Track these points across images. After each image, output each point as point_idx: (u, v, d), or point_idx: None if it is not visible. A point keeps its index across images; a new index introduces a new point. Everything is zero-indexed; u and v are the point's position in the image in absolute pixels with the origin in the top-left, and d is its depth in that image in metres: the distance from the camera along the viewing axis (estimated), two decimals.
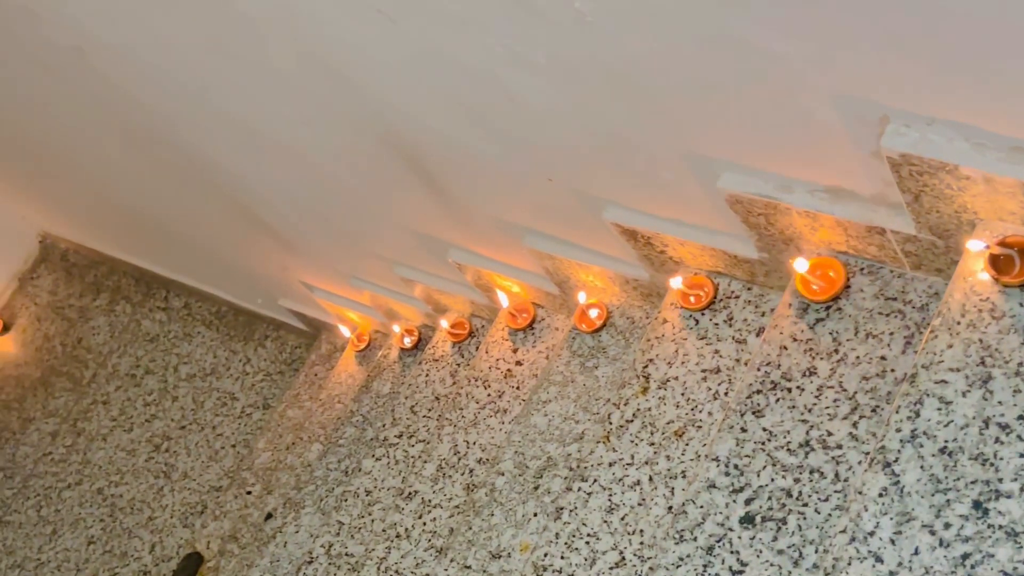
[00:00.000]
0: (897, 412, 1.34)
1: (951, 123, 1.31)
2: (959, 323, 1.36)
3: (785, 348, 1.67)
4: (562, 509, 1.94)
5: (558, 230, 2.24)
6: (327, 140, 2.28)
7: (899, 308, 1.61)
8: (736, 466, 1.62)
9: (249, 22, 1.84)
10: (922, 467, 1.30)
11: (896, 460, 1.32)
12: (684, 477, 1.85)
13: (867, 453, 1.53)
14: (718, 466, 1.63)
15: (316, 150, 2.36)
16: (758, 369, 1.67)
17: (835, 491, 1.53)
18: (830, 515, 1.52)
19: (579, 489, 1.94)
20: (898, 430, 1.33)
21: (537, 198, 2.13)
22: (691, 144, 1.65)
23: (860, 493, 1.32)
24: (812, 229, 1.65)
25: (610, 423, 1.97)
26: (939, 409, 1.32)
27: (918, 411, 1.33)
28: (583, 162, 1.88)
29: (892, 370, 1.57)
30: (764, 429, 1.62)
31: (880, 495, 1.31)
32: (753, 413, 1.64)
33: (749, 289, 1.96)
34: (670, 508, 1.83)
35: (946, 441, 1.30)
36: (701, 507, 1.61)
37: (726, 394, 1.88)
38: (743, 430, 1.64)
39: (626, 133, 1.70)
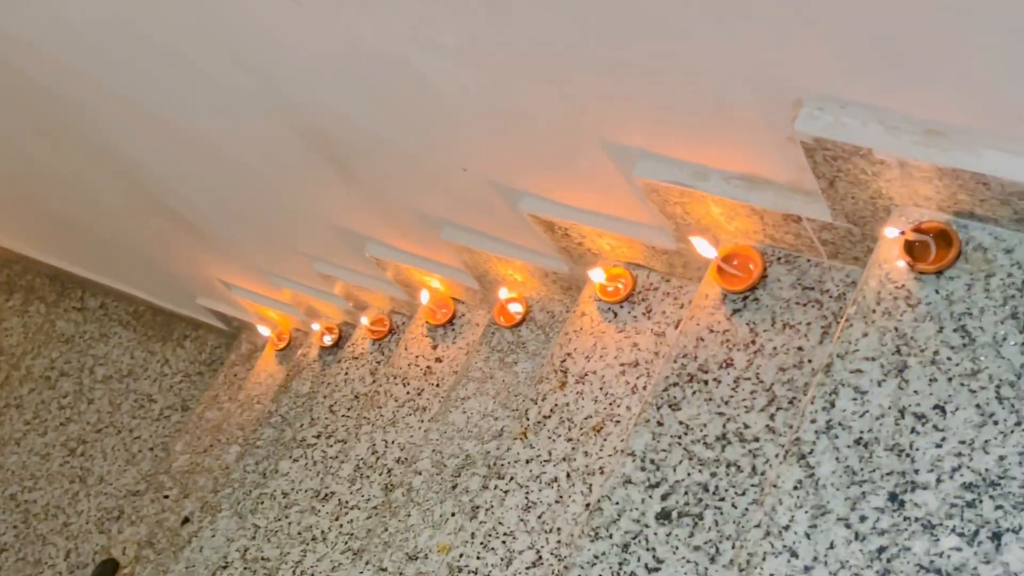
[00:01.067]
0: (812, 403, 1.31)
1: (865, 106, 1.28)
2: (874, 311, 1.33)
3: (702, 339, 1.63)
4: (478, 508, 1.89)
5: (476, 222, 2.19)
6: (240, 130, 2.20)
7: (816, 298, 1.58)
8: (652, 461, 1.58)
9: (157, 9, 1.76)
10: (837, 459, 1.27)
11: (811, 452, 1.28)
12: (602, 473, 1.80)
13: (784, 446, 1.49)
14: (634, 461, 1.59)
15: (230, 141, 2.28)
16: (675, 361, 1.63)
17: (752, 485, 1.50)
18: (747, 510, 1.48)
19: (496, 487, 1.89)
20: (813, 421, 1.30)
21: (454, 189, 2.07)
22: (607, 131, 1.60)
23: (775, 486, 1.28)
24: (728, 218, 1.62)
25: (527, 419, 1.92)
26: (854, 399, 1.29)
27: (833, 401, 1.30)
28: (497, 151, 1.83)
29: (809, 361, 1.54)
30: (680, 423, 1.58)
31: (795, 488, 1.27)
32: (670, 406, 1.60)
33: (668, 281, 1.93)
34: (587, 505, 1.79)
35: (861, 432, 1.27)
36: (617, 503, 1.57)
37: (645, 388, 1.84)
38: (659, 424, 1.60)
39: (540, 119, 1.65)
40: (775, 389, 1.55)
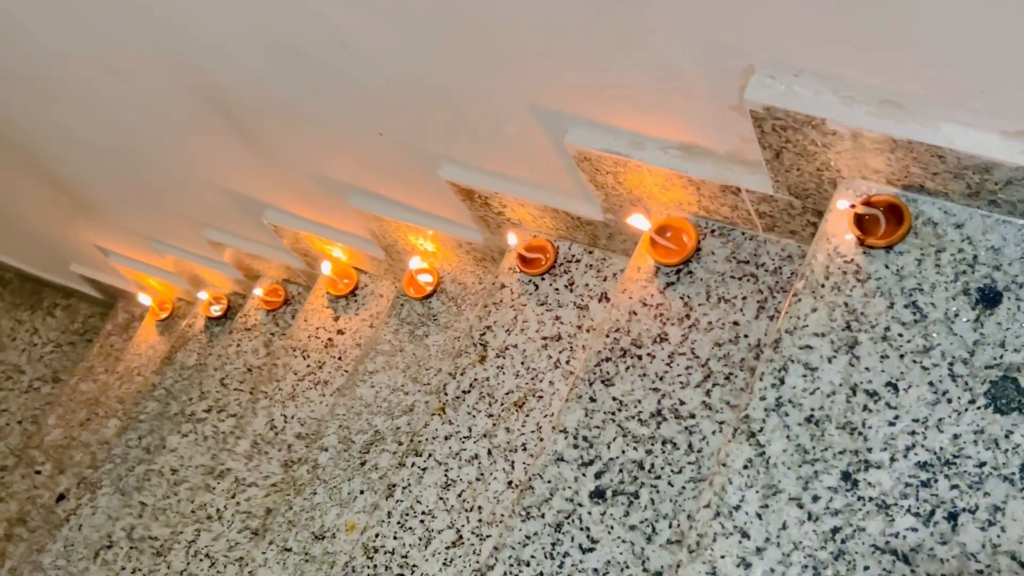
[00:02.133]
0: (761, 380, 1.28)
1: (819, 74, 1.24)
2: (823, 286, 1.30)
3: (635, 313, 1.59)
4: (394, 486, 1.81)
5: (386, 188, 2.10)
6: (128, 88, 2.06)
7: (752, 272, 1.55)
8: (585, 438, 1.53)
9: None
10: (788, 437, 1.24)
11: (761, 430, 1.25)
12: (525, 450, 1.75)
13: (721, 423, 1.46)
14: (566, 438, 1.54)
15: (114, 98, 2.14)
16: (607, 336, 1.59)
17: (688, 463, 1.46)
18: (684, 488, 1.45)
19: (413, 465, 1.82)
20: (762, 398, 1.27)
21: (365, 153, 1.98)
22: (538, 95, 1.54)
23: (724, 465, 1.25)
24: (663, 189, 1.57)
25: (446, 394, 1.86)
26: (804, 376, 1.26)
27: (782, 378, 1.27)
28: (418, 114, 1.75)
29: (745, 336, 1.51)
30: (614, 399, 1.54)
31: (745, 467, 1.24)
32: (602, 382, 1.56)
33: (590, 253, 1.88)
34: (510, 483, 1.74)
35: (812, 410, 1.24)
36: (549, 482, 1.52)
37: (567, 362, 1.80)
38: (592, 400, 1.55)
39: (467, 82, 1.58)
40: (711, 364, 1.51)
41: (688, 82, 1.35)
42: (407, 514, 1.78)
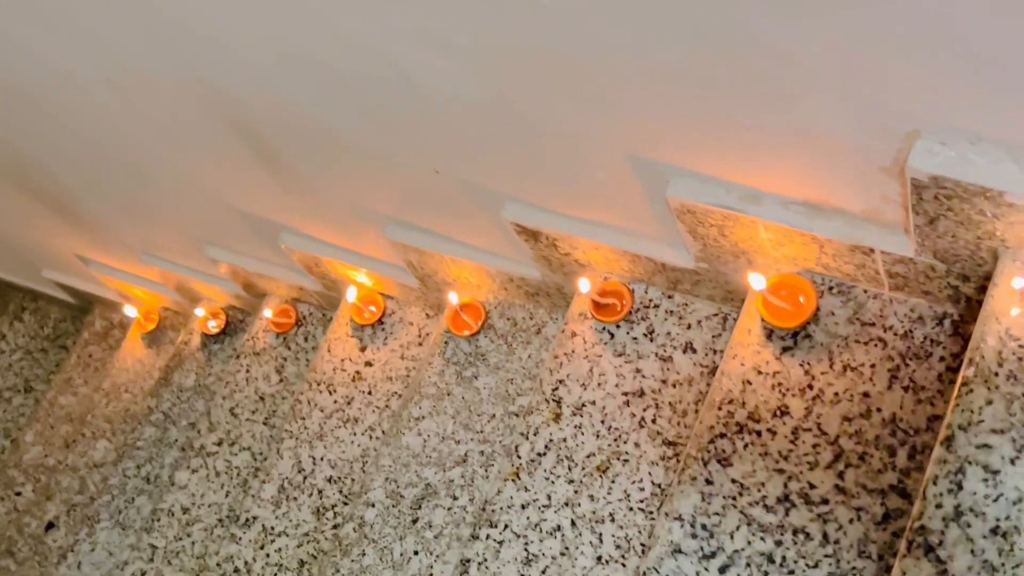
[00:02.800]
0: (935, 484, 1.14)
1: (999, 142, 1.10)
2: (996, 374, 1.17)
3: (749, 383, 1.44)
4: (468, 562, 1.66)
5: (431, 222, 1.93)
6: (135, 104, 1.87)
7: (879, 336, 1.41)
8: (704, 526, 1.39)
9: None
10: (972, 552, 1.10)
11: (940, 543, 1.12)
12: (613, 521, 1.61)
13: (859, 509, 1.33)
14: (682, 526, 1.40)
15: (120, 114, 1.95)
16: (719, 408, 1.44)
17: (825, 555, 1.33)
18: None
19: (488, 537, 1.67)
20: (938, 506, 1.13)
21: (412, 187, 1.81)
22: (639, 144, 1.39)
23: None
24: (777, 244, 1.42)
25: (519, 457, 1.70)
26: (985, 480, 1.13)
27: (960, 483, 1.13)
28: (487, 155, 1.59)
29: (878, 409, 1.38)
30: (734, 481, 1.40)
31: None
32: (719, 461, 1.42)
33: (670, 297, 1.73)
34: (599, 558, 1.59)
35: (997, 520, 1.11)
36: None
37: (653, 421, 1.65)
38: (708, 482, 1.41)
39: (559, 128, 1.42)
40: (841, 442, 1.37)
41: (834, 142, 1.20)
42: None
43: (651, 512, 1.59)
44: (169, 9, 1.49)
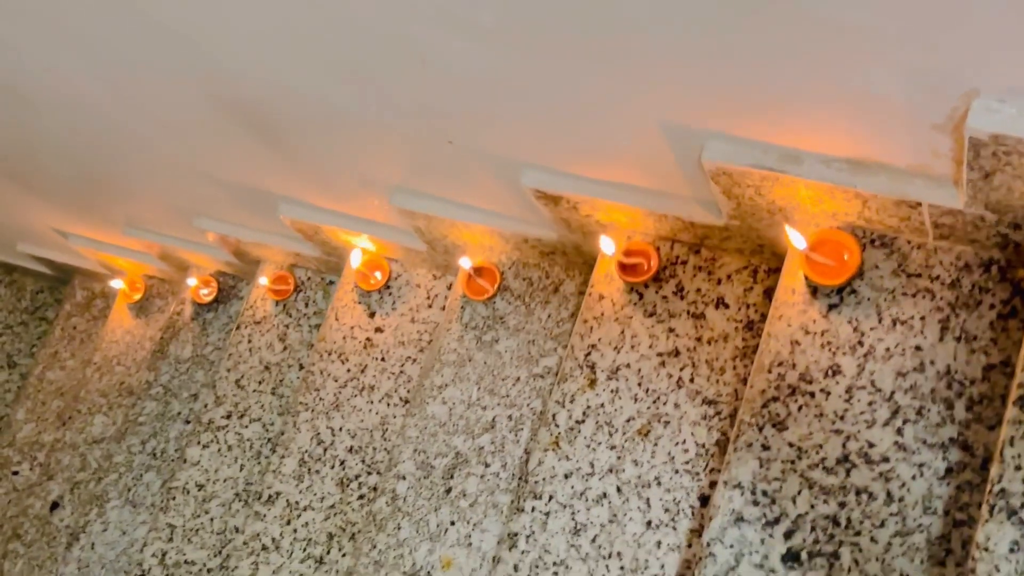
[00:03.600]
0: (1011, 445, 1.13)
1: None
2: None
3: (797, 343, 1.43)
4: (516, 535, 1.65)
5: (438, 188, 1.89)
6: (131, 94, 1.81)
7: (926, 286, 1.40)
8: (765, 492, 1.38)
9: None
10: None
11: (1023, 506, 1.11)
12: (659, 484, 1.60)
13: (920, 465, 1.33)
14: (742, 494, 1.39)
15: (113, 104, 1.88)
16: (768, 371, 1.43)
17: (891, 514, 1.32)
18: (890, 544, 1.31)
19: (533, 509, 1.66)
20: (1018, 468, 1.13)
21: (422, 158, 1.76)
22: (674, 111, 1.35)
23: (986, 550, 1.11)
24: (817, 201, 1.40)
25: (557, 425, 1.68)
26: None
27: None
28: (506, 126, 1.55)
29: (932, 362, 1.36)
30: (791, 445, 1.39)
31: (1011, 551, 1.11)
32: (773, 426, 1.40)
33: (696, 253, 1.70)
34: (649, 523, 1.59)
35: None
36: (731, 546, 1.37)
37: (691, 380, 1.63)
38: (765, 447, 1.40)
39: (587, 99, 1.38)
40: (897, 398, 1.36)
41: (884, 102, 1.17)
42: (536, 566, 1.63)
43: (697, 473, 1.59)
44: (170, 8, 1.43)
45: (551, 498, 1.65)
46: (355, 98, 1.57)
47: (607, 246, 1.69)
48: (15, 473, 3.45)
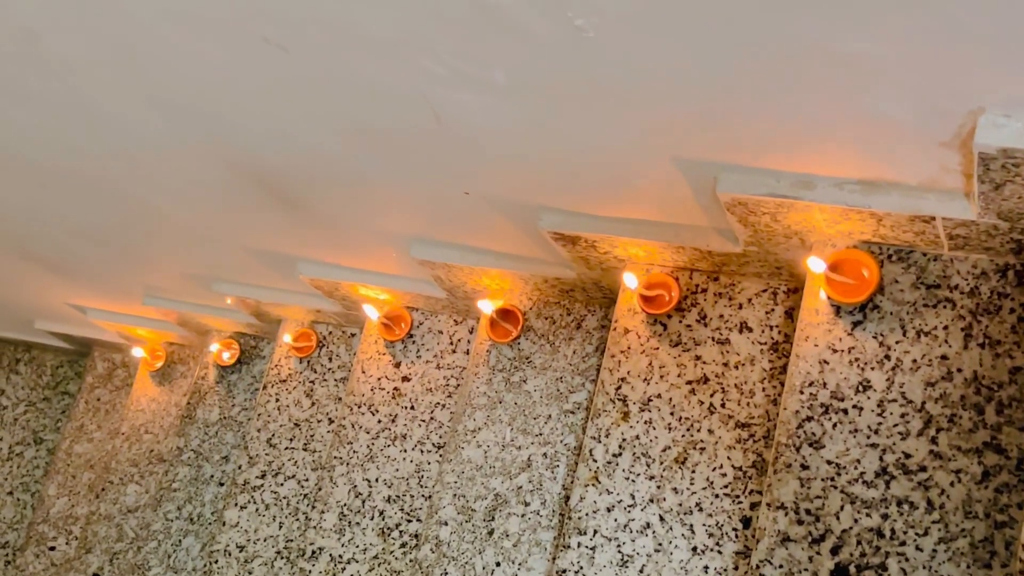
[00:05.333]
0: None
1: None
2: None
3: (826, 362, 1.46)
4: (565, 572, 1.68)
5: (455, 236, 1.93)
6: (149, 169, 1.85)
7: (946, 296, 1.43)
8: (808, 511, 1.41)
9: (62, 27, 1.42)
10: None
11: None
12: (702, 510, 1.63)
13: (957, 471, 1.36)
14: (786, 514, 1.42)
15: (130, 180, 1.93)
16: (800, 392, 1.46)
17: (933, 522, 1.36)
18: (935, 551, 1.34)
19: (579, 545, 1.69)
20: None
21: (438, 209, 1.81)
22: (686, 148, 1.39)
23: None
24: (831, 223, 1.44)
25: (594, 460, 1.72)
26: None
27: None
28: (521, 174, 1.59)
29: (959, 370, 1.40)
30: (829, 462, 1.42)
31: None
32: (810, 445, 1.44)
33: (715, 280, 1.74)
34: (695, 549, 1.62)
35: None
36: (780, 567, 1.40)
37: (723, 406, 1.67)
38: (804, 467, 1.43)
39: (600, 144, 1.42)
40: (928, 408, 1.40)
41: (893, 125, 1.22)
42: None
43: (737, 496, 1.62)
44: (184, 88, 1.47)
45: (596, 532, 1.68)
46: (370, 157, 1.61)
47: (630, 281, 1.73)
48: (52, 548, 3.48)
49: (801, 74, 1.14)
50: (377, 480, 2.24)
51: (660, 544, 1.64)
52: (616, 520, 1.68)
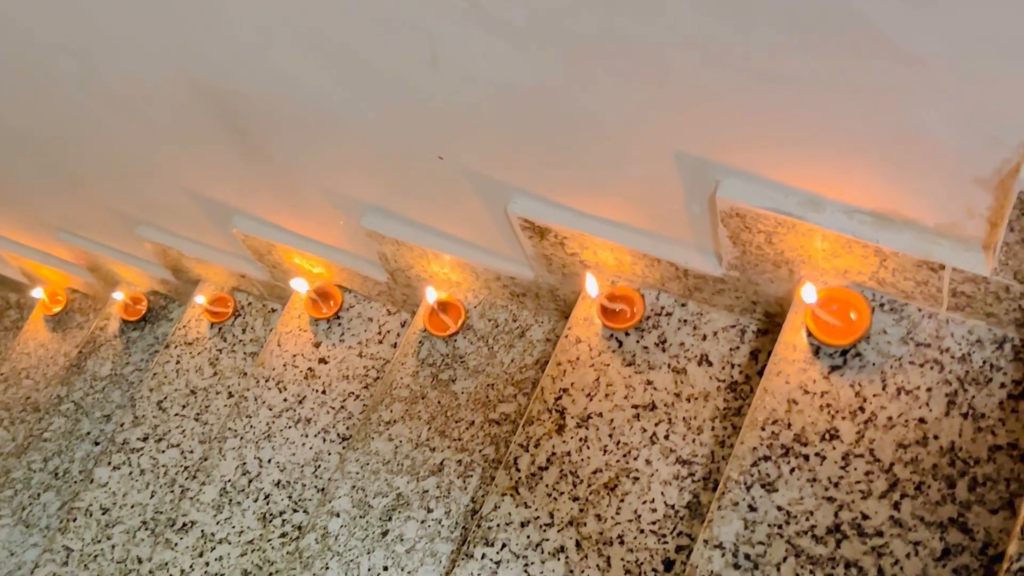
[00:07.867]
0: None
1: None
2: None
3: (795, 402, 1.34)
4: None
5: (414, 211, 1.79)
6: (99, 75, 1.69)
7: (935, 358, 1.33)
8: (748, 556, 1.28)
9: None
10: None
11: None
12: (623, 543, 1.49)
13: (916, 544, 1.24)
14: (723, 555, 1.29)
15: (76, 84, 1.75)
16: (762, 428, 1.34)
17: None
18: None
19: (483, 556, 1.53)
20: None
21: (405, 174, 1.67)
22: (692, 141, 1.27)
23: None
24: (831, 255, 1.33)
25: (517, 470, 1.57)
26: None
27: None
28: (506, 144, 1.46)
29: (935, 436, 1.29)
30: (779, 508, 1.30)
31: None
32: (763, 486, 1.31)
33: (683, 305, 1.62)
34: None
35: None
36: None
37: (666, 437, 1.54)
38: (752, 508, 1.30)
39: (604, 120, 1.30)
40: (896, 470, 1.28)
41: (928, 148, 1.11)
42: None
43: (663, 535, 1.48)
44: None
45: (504, 546, 1.53)
46: (346, 96, 1.47)
47: (592, 287, 1.60)
48: None
49: (839, 71, 1.03)
50: (270, 461, 2.07)
51: (571, 571, 1.50)
52: (529, 537, 1.53)
